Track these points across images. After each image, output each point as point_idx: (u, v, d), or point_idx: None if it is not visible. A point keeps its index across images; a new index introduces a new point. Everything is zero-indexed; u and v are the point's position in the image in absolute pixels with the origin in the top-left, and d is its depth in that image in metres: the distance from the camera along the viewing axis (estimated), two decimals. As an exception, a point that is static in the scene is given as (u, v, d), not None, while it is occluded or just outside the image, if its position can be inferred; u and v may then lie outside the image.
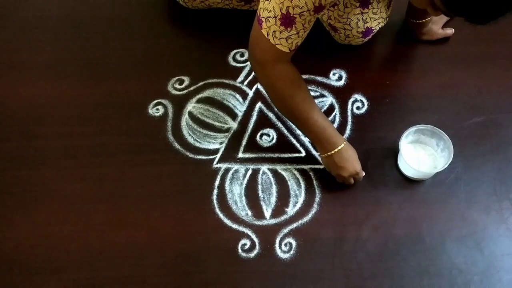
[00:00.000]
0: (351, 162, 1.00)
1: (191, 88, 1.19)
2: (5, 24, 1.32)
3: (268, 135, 1.13)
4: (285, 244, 1.00)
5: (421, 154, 1.07)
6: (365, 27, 1.12)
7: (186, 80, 1.20)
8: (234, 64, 1.22)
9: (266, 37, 0.86)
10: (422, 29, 1.20)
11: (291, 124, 1.13)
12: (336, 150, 0.97)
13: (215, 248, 1.00)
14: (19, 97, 1.19)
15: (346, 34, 1.14)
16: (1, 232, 1.03)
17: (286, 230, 1.01)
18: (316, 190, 1.05)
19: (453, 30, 1.22)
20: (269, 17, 0.83)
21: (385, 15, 1.13)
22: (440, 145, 1.04)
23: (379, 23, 1.13)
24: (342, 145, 0.98)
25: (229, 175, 1.07)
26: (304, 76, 1.18)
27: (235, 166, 1.09)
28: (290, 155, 1.10)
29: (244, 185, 1.06)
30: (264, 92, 1.16)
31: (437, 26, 1.22)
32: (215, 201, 1.05)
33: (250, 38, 0.91)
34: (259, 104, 1.16)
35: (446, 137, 1.02)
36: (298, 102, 0.94)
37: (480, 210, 1.03)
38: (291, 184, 1.06)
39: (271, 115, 1.15)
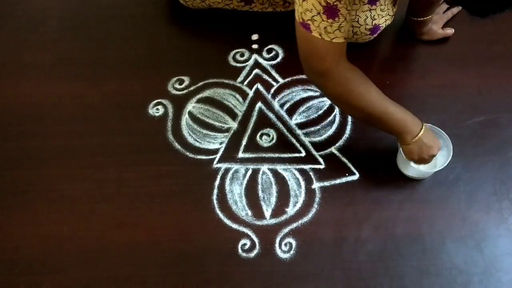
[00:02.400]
0: (435, 139, 0.97)
1: (191, 88, 1.19)
2: (5, 24, 1.32)
3: (268, 135, 1.13)
4: (285, 244, 1.00)
5: (421, 154, 1.07)
6: (373, 24, 1.11)
7: (186, 80, 1.20)
8: (234, 64, 1.22)
9: (320, 37, 0.82)
10: (422, 28, 1.20)
11: (291, 124, 1.13)
12: (417, 138, 0.94)
13: (215, 248, 1.00)
14: (19, 97, 1.19)
15: (354, 32, 1.13)
16: (1, 232, 1.03)
17: (286, 230, 1.01)
18: (316, 190, 1.05)
19: (453, 30, 1.22)
20: (313, 16, 0.80)
21: (391, 13, 1.13)
22: (440, 144, 1.05)
23: (386, 20, 1.13)
24: (424, 127, 0.95)
25: (229, 175, 1.07)
26: (304, 76, 1.18)
27: (235, 166, 1.09)
28: (290, 155, 1.10)
29: (244, 185, 1.06)
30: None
31: (437, 26, 1.22)
32: (215, 201, 1.05)
33: (301, 51, 0.87)
34: (259, 104, 1.16)
35: (445, 136, 1.02)
36: (374, 96, 0.91)
37: (480, 210, 1.03)
38: (291, 184, 1.06)
39: (271, 115, 1.15)
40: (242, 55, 1.24)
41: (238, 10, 1.23)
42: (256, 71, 1.20)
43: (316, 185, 1.06)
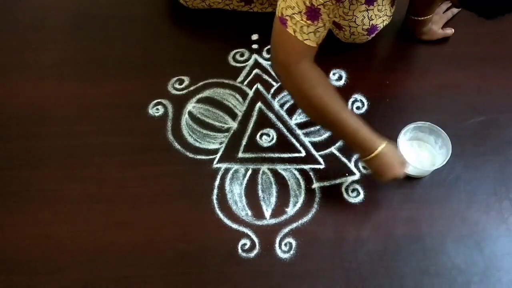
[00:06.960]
0: (391, 168, 0.92)
1: (191, 88, 1.19)
2: (5, 24, 1.32)
3: (268, 135, 1.13)
4: (285, 244, 1.00)
5: (419, 151, 1.07)
6: (370, 24, 1.11)
7: (186, 80, 1.20)
8: (234, 64, 1.22)
9: (293, 34, 0.83)
10: (422, 28, 1.20)
11: (291, 124, 1.13)
12: (372, 155, 0.91)
13: (215, 248, 1.00)
14: (19, 97, 1.19)
15: (351, 32, 1.13)
16: (1, 232, 1.03)
17: (286, 230, 1.01)
18: (316, 190, 1.05)
19: (453, 30, 1.22)
20: (293, 13, 0.82)
21: (389, 13, 1.13)
22: (439, 142, 1.04)
23: (383, 20, 1.13)
24: (380, 148, 0.90)
25: (229, 175, 1.07)
26: (304, 76, 1.18)
27: (235, 166, 1.09)
28: (290, 155, 1.10)
29: (244, 185, 1.06)
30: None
31: (437, 26, 1.22)
32: (215, 201, 1.05)
33: (272, 41, 0.89)
34: (259, 104, 1.16)
35: (444, 135, 1.02)
36: (326, 102, 0.89)
37: (480, 210, 1.03)
38: (291, 184, 1.06)
39: (271, 115, 1.15)
40: (242, 55, 1.24)
41: (238, 10, 1.23)
42: (256, 71, 1.20)
43: (316, 185, 1.06)
